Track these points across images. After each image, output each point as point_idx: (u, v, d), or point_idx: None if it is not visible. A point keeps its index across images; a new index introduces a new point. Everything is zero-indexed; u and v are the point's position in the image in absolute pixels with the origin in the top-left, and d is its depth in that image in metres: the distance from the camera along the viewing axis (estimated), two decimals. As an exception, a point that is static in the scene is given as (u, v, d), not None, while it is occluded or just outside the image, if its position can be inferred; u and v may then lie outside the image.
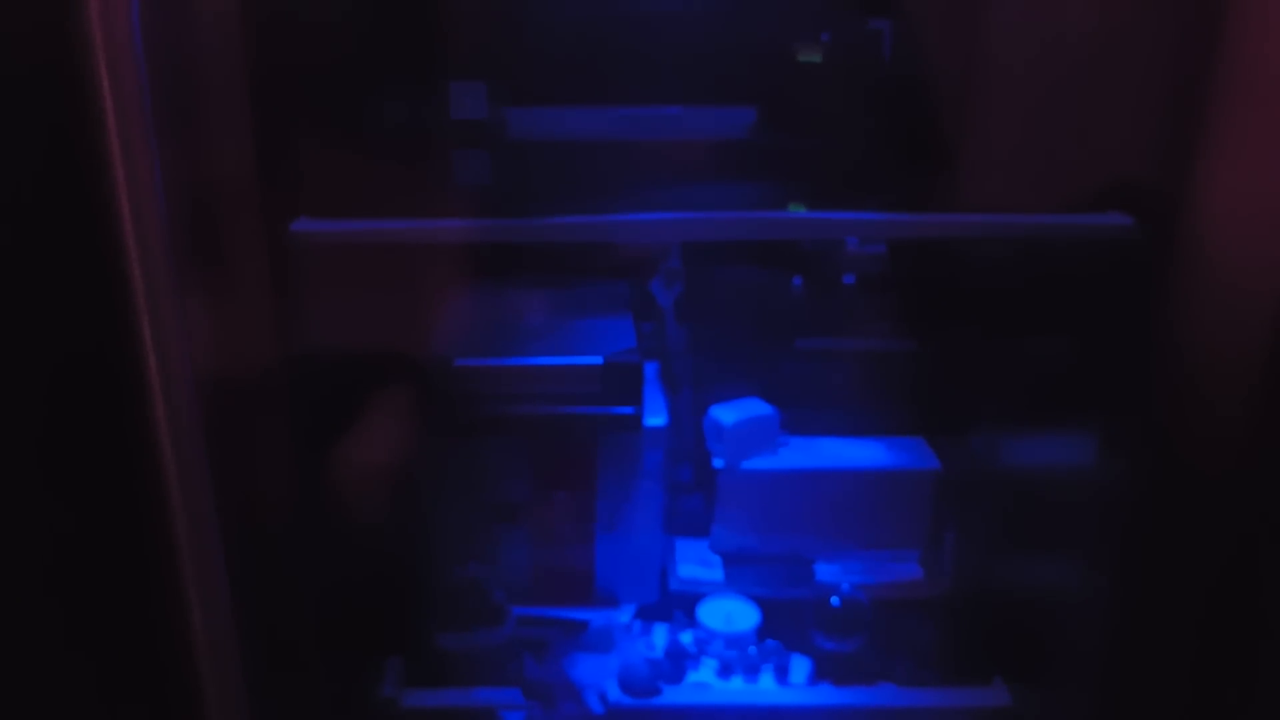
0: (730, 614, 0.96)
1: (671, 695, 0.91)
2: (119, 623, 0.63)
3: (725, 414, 0.99)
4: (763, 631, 0.95)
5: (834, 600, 0.93)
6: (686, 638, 0.96)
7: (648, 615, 1.00)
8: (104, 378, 0.57)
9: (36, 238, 0.55)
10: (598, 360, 0.92)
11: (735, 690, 0.92)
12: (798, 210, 0.84)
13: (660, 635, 0.97)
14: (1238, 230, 0.66)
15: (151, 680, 0.64)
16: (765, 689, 0.92)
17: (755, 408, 1.00)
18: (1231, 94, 0.65)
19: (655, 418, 0.97)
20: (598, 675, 0.92)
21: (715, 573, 1.01)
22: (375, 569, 0.89)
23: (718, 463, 0.99)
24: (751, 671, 0.93)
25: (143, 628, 0.63)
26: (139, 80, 0.52)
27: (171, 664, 0.64)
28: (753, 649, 0.94)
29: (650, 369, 1.04)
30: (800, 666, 0.94)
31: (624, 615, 1.00)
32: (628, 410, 0.94)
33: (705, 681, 0.93)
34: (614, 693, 0.90)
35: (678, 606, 0.99)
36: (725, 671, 0.93)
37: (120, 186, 0.53)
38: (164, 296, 0.56)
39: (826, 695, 0.91)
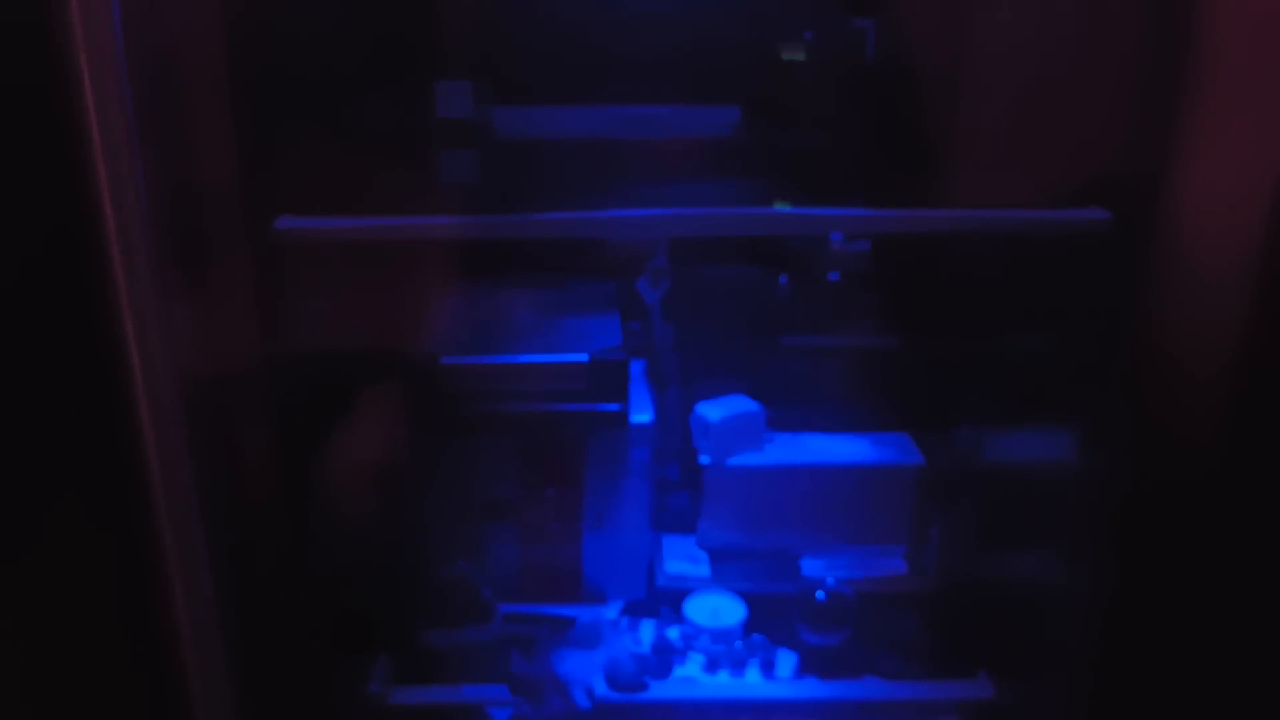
0: (717, 609, 0.97)
1: (658, 690, 0.91)
2: (107, 621, 0.63)
3: (711, 411, 0.99)
4: (749, 626, 0.96)
5: (819, 595, 0.93)
6: (673, 633, 0.96)
7: (635, 611, 1.00)
8: (88, 377, 0.58)
9: (20, 241, 0.55)
10: (584, 357, 0.93)
11: (721, 685, 0.92)
12: (782, 207, 0.85)
13: (647, 631, 0.98)
14: (1213, 223, 0.66)
15: (139, 677, 0.65)
16: (751, 683, 0.93)
17: (741, 404, 1.01)
18: (1205, 89, 0.65)
19: (641, 414, 0.97)
20: (585, 671, 0.92)
21: (702, 568, 1.01)
22: (362, 566, 0.89)
23: (704, 459, 1.00)
24: (738, 666, 0.94)
25: (130, 626, 0.64)
26: (121, 81, 0.53)
27: (158, 662, 0.64)
28: (739, 644, 0.95)
29: (636, 367, 1.04)
30: (786, 661, 0.95)
31: (611, 611, 1.00)
32: (614, 407, 0.94)
33: (692, 676, 0.93)
34: (601, 688, 0.91)
35: (664, 602, 0.99)
36: (712, 666, 0.94)
37: (103, 186, 0.54)
38: (147, 295, 0.56)
39: (812, 689, 0.92)
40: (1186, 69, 0.66)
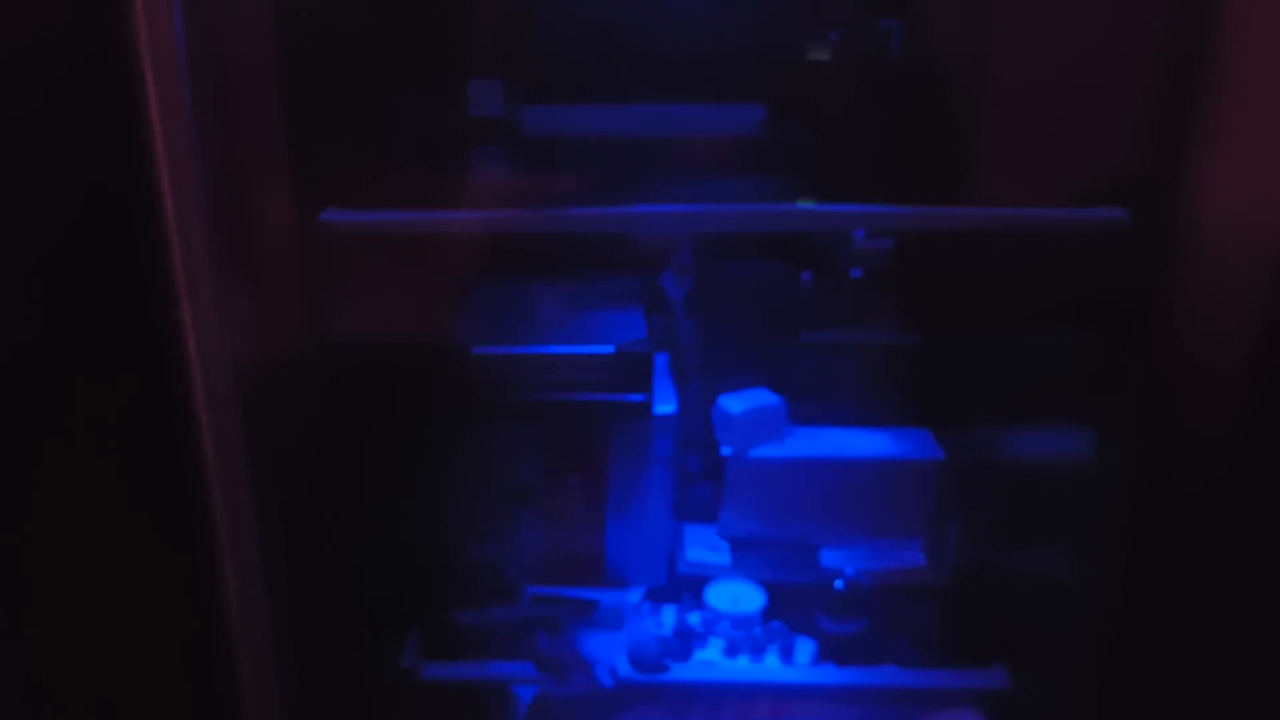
0: (737, 596, 0.98)
1: (679, 672, 0.93)
2: (161, 595, 0.66)
3: (733, 403, 1.01)
4: (768, 613, 0.98)
5: (838, 584, 0.95)
6: (694, 618, 0.98)
7: (657, 597, 1.02)
8: (146, 360, 0.60)
9: (85, 229, 0.58)
10: (610, 349, 0.95)
11: (741, 669, 0.94)
12: (806, 205, 0.86)
13: (668, 615, 1.00)
14: (1232, 222, 0.67)
15: (190, 648, 0.67)
16: (770, 668, 0.95)
17: (763, 398, 1.03)
18: (1226, 88, 0.66)
19: (665, 406, 0.99)
20: (608, 651, 0.94)
21: (723, 557, 1.03)
22: (396, 547, 0.92)
23: (726, 451, 1.02)
24: (757, 651, 0.96)
25: (183, 600, 0.66)
26: (181, 78, 0.56)
27: (208, 634, 0.67)
28: (758, 630, 0.97)
29: (660, 360, 1.06)
30: (805, 648, 0.96)
31: (633, 596, 1.02)
32: (638, 398, 0.96)
33: (712, 660, 0.95)
34: (624, 668, 0.93)
35: (686, 589, 1.01)
36: (732, 651, 0.96)
37: (163, 178, 0.56)
38: (203, 283, 0.59)
39: (830, 675, 0.94)
40: (1207, 68, 0.67)
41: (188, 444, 0.62)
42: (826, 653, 0.96)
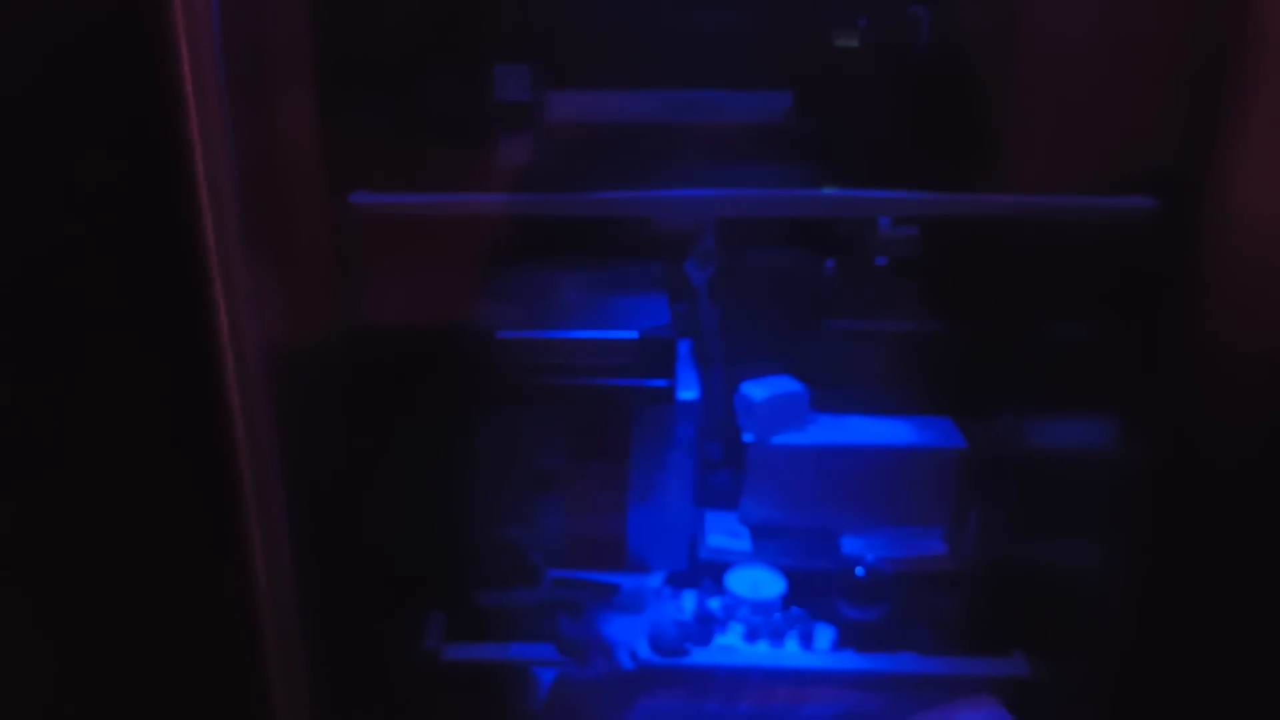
0: (757, 582, 0.99)
1: (699, 656, 0.94)
2: (190, 574, 0.67)
3: (756, 390, 1.01)
4: (788, 600, 0.98)
5: (858, 571, 0.95)
6: (714, 603, 0.99)
7: (677, 582, 1.03)
8: (179, 340, 0.62)
9: (120, 210, 0.59)
10: (633, 334, 0.95)
11: (761, 654, 0.95)
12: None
13: (689, 600, 1.00)
14: (1261, 214, 0.67)
15: (219, 626, 0.69)
16: (790, 653, 0.95)
17: (785, 385, 1.03)
18: (1257, 77, 0.66)
19: (688, 391, 0.99)
20: (629, 634, 0.95)
21: (743, 543, 1.03)
22: (420, 529, 0.93)
23: (748, 437, 1.02)
24: (777, 636, 0.96)
25: (212, 579, 0.68)
26: (216, 60, 0.56)
27: (237, 612, 0.68)
28: (778, 615, 0.97)
29: (684, 346, 1.06)
30: (824, 634, 0.97)
31: (654, 581, 1.03)
32: (661, 383, 0.96)
33: (732, 644, 0.96)
34: (644, 651, 0.94)
35: (706, 575, 1.02)
36: (751, 636, 0.96)
37: (198, 159, 0.57)
38: (236, 263, 0.60)
39: (849, 661, 0.94)
40: (1239, 56, 0.66)
41: (219, 424, 0.63)
42: (846, 639, 0.96)
